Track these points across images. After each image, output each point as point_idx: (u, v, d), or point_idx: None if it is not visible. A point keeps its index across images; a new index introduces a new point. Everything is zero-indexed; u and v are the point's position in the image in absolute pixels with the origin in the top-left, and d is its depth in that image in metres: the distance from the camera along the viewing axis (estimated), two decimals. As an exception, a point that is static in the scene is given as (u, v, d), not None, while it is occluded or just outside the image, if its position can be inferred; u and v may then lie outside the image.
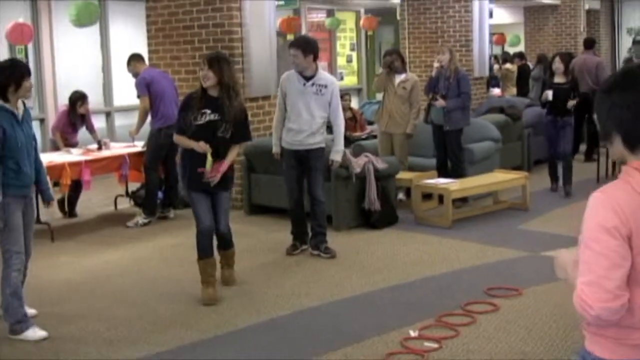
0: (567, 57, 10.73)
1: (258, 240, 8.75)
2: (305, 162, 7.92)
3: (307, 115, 7.77)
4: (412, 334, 5.73)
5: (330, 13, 18.96)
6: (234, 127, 6.69)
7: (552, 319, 5.99)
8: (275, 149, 8.09)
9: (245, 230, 8.94)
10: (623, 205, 2.45)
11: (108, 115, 14.10)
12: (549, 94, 10.35)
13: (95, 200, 11.26)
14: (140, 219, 9.71)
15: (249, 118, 7.22)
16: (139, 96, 9.80)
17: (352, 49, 19.91)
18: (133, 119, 13.45)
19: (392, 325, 5.93)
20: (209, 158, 6.58)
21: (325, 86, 7.78)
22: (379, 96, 11.47)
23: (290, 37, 15.60)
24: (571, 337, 5.59)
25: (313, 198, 8.01)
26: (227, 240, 7.15)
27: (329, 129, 8.16)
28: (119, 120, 14.25)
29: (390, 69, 10.35)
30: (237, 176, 9.80)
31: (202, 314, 6.38)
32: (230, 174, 6.93)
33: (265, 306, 6.52)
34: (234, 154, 6.84)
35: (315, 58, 7.80)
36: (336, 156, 7.95)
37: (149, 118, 9.92)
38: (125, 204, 10.81)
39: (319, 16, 19.09)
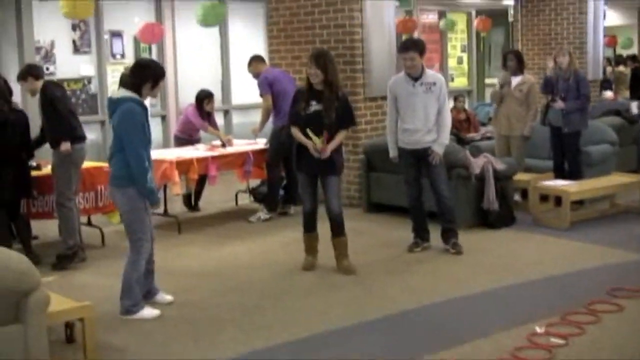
0: None
1: (378, 237, 8.97)
2: (423, 160, 8.14)
3: (422, 114, 8.00)
4: (538, 330, 5.86)
5: (441, 14, 19.06)
6: (339, 115, 7.40)
7: (678, 321, 6.07)
8: (393, 153, 8.32)
9: (365, 228, 9.18)
10: None
11: (226, 113, 14.52)
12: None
13: (217, 196, 11.63)
14: (262, 214, 10.04)
15: (353, 107, 7.85)
16: (261, 95, 10.11)
17: (462, 51, 19.95)
18: (250, 117, 13.90)
19: (518, 321, 6.07)
20: (314, 138, 7.33)
21: (434, 83, 8.03)
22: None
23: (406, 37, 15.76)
24: (699, 338, 5.68)
25: (438, 194, 8.24)
26: (338, 225, 7.58)
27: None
28: (237, 118, 14.68)
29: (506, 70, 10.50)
30: (355, 174, 10.14)
31: (330, 306, 6.62)
32: (336, 159, 7.52)
33: (390, 300, 6.73)
34: (340, 138, 7.52)
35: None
36: (438, 148, 8.08)
37: (271, 117, 10.20)
38: (245, 200, 11.17)
39: (430, 17, 19.21)
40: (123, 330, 6.18)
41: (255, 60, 10.45)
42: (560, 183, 9.54)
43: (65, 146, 7.81)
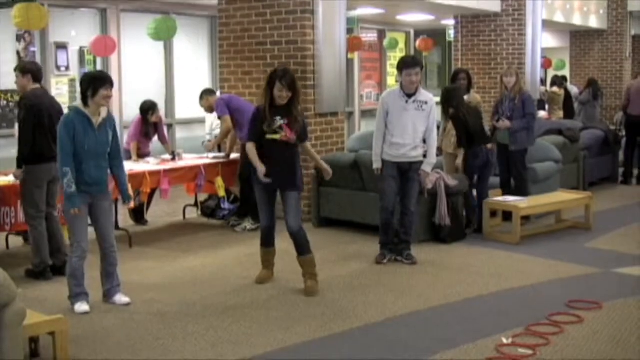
0: None
1: (332, 251, 9.01)
2: (404, 174, 8.33)
3: (411, 130, 8.24)
4: (505, 341, 5.97)
5: (381, 33, 19.28)
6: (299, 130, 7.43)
7: (638, 331, 6.22)
8: (377, 165, 8.45)
9: (318, 243, 9.14)
10: None
11: (170, 127, 14.45)
12: None
13: (163, 210, 11.57)
14: (249, 225, 10.15)
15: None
16: (220, 117, 10.16)
17: (401, 69, 20.17)
18: (194, 131, 13.89)
19: (484, 332, 6.17)
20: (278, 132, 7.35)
21: (426, 102, 8.28)
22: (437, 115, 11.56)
23: (352, 56, 15.91)
24: (661, 349, 5.85)
25: (406, 208, 8.46)
26: (301, 243, 7.51)
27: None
28: (180, 133, 14.63)
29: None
30: (306, 189, 10.16)
31: (293, 320, 6.63)
32: (298, 174, 7.55)
33: (354, 314, 6.76)
34: (314, 153, 7.87)
35: None
36: (427, 167, 8.41)
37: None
38: (193, 214, 11.12)
39: (370, 36, 19.42)
40: (85, 344, 6.09)
41: (207, 93, 10.58)
42: (511, 199, 9.72)
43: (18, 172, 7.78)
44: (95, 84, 6.65)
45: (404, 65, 8.33)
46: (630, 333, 6.20)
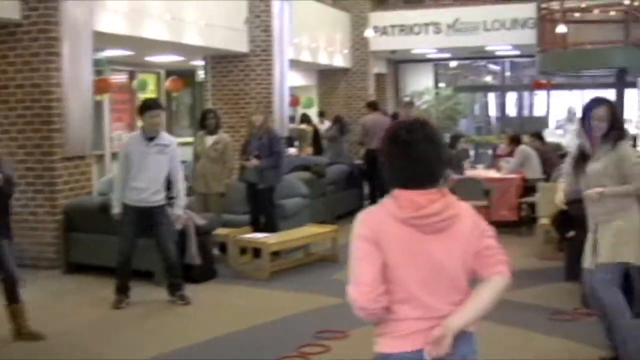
0: None
1: (82, 297, 8.83)
2: (149, 219, 8.28)
3: (152, 174, 8.21)
4: (254, 376, 6.13)
5: (132, 74, 19.19)
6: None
7: (379, 357, 6.54)
8: (116, 210, 8.36)
9: (67, 289, 9.04)
10: (372, 219, 3.15)
11: None
12: None
13: None
14: None
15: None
16: None
17: (152, 110, 20.12)
18: None
19: (234, 369, 6.30)
20: None
21: (168, 145, 8.29)
22: (187, 155, 11.63)
23: (100, 97, 15.71)
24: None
25: (165, 251, 8.41)
26: (17, 289, 7.07)
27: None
28: None
29: (205, 129, 10.87)
30: (53, 235, 9.98)
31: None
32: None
33: (105, 358, 6.70)
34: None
35: None
36: (178, 210, 8.42)
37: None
38: None
39: (120, 77, 19.27)
40: None
41: None
42: (259, 236, 9.95)
43: None
44: None
45: (146, 107, 8.37)
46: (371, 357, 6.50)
